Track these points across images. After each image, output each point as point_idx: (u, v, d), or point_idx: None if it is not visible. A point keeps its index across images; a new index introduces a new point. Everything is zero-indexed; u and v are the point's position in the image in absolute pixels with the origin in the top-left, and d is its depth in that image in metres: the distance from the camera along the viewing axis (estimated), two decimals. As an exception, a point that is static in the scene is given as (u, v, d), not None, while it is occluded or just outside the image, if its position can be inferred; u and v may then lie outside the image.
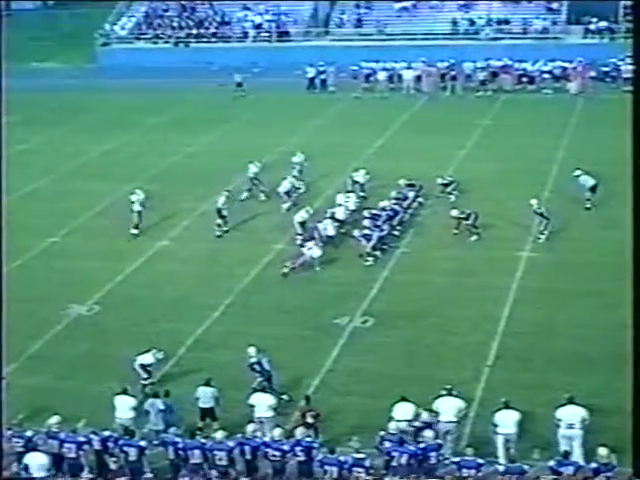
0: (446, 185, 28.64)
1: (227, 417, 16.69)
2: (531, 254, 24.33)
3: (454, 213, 25.65)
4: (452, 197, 28.28)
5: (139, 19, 58.56)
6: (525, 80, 43.90)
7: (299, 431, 15.52)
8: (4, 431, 15.04)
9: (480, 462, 14.18)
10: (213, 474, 14.81)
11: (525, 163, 31.86)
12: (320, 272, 23.65)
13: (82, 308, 22.28)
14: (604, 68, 43.85)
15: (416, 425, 15.40)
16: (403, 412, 15.74)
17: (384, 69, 45.27)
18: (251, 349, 17.74)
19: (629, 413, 12.86)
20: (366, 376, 18.63)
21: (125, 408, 16.45)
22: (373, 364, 19.10)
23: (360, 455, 14.34)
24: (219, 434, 15.02)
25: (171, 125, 40.25)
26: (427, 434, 14.94)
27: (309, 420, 15.88)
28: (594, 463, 13.91)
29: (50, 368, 19.48)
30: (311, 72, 46.17)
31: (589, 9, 50.81)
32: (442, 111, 40.63)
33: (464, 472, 14.11)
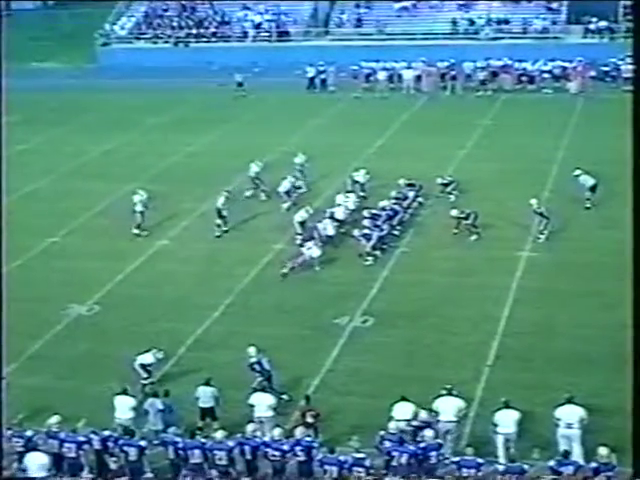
0: (446, 185, 28.64)
1: (227, 417, 16.69)
2: (531, 254, 24.33)
3: (454, 213, 25.65)
4: (452, 197, 28.28)
5: (139, 19, 58.57)
6: (525, 80, 43.90)
7: (299, 431, 15.53)
8: (4, 431, 15.03)
9: (480, 462, 14.18)
10: (213, 474, 14.81)
11: (525, 163, 31.85)
12: (320, 272, 23.65)
13: (82, 308, 22.29)
14: (604, 68, 43.84)
15: (415, 425, 15.41)
16: (403, 412, 15.74)
17: (384, 69, 45.23)
18: (251, 349, 17.74)
19: (629, 413, 12.82)
20: (366, 376, 18.63)
21: (125, 408, 16.45)
22: (373, 364, 19.10)
23: (360, 455, 14.33)
24: (219, 434, 15.02)
25: (171, 125, 40.24)
26: (427, 434, 14.92)
27: (309, 420, 15.88)
28: (594, 463, 13.91)
29: (50, 368, 19.48)
30: (311, 72, 46.16)
31: (589, 9, 50.80)
32: (442, 111, 40.62)
33: (464, 472, 14.11)
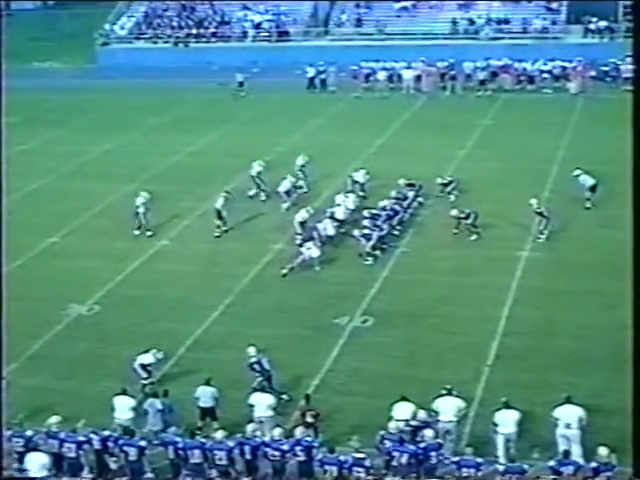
0: (446, 185, 28.63)
1: (227, 417, 16.69)
2: (531, 254, 24.32)
3: (454, 213, 25.65)
4: (452, 197, 28.28)
5: (139, 19, 58.58)
6: (525, 80, 43.92)
7: (299, 431, 15.55)
8: (4, 431, 15.03)
9: (479, 461, 14.16)
10: (213, 474, 14.81)
11: (525, 163, 31.84)
12: (320, 272, 23.65)
13: (82, 308, 22.29)
14: (604, 68, 43.87)
15: (414, 424, 15.40)
16: (403, 412, 15.73)
17: (384, 69, 45.21)
18: (251, 349, 17.74)
19: (629, 413, 12.82)
20: (366, 376, 18.62)
21: (124, 408, 16.44)
22: (373, 364, 19.09)
23: (360, 455, 14.33)
24: (219, 434, 15.02)
25: (171, 125, 40.24)
26: (427, 433, 14.92)
27: (309, 420, 15.88)
28: (594, 463, 13.90)
29: (50, 368, 19.48)
30: (311, 72, 46.15)
31: (589, 8, 50.81)
32: (442, 111, 40.61)
33: (464, 472, 14.09)
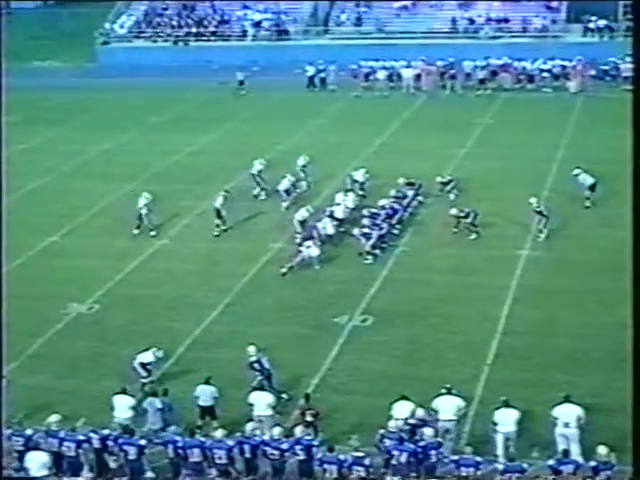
0: (445, 184, 28.63)
1: (227, 416, 16.70)
2: (531, 252, 24.32)
3: (453, 212, 25.65)
4: (451, 196, 28.28)
5: (139, 18, 58.54)
6: (524, 79, 43.91)
7: (299, 430, 15.56)
8: (4, 430, 15.04)
9: (478, 460, 14.17)
10: (213, 473, 14.82)
11: (525, 162, 31.84)
12: (320, 271, 23.65)
13: (82, 307, 22.29)
14: (604, 67, 43.85)
15: (412, 423, 15.40)
16: (403, 411, 15.74)
17: (384, 68, 45.16)
18: (251, 348, 17.74)
19: (629, 412, 12.83)
20: (365, 375, 18.63)
21: (124, 407, 16.45)
22: (372, 363, 19.09)
23: (360, 454, 14.34)
24: (219, 433, 15.04)
25: (171, 124, 40.22)
26: (427, 432, 14.93)
27: (309, 419, 15.89)
28: (594, 462, 13.91)
29: (50, 367, 19.49)
30: (311, 71, 46.13)
31: (588, 8, 50.78)
32: (442, 110, 40.58)
33: (463, 470, 14.10)
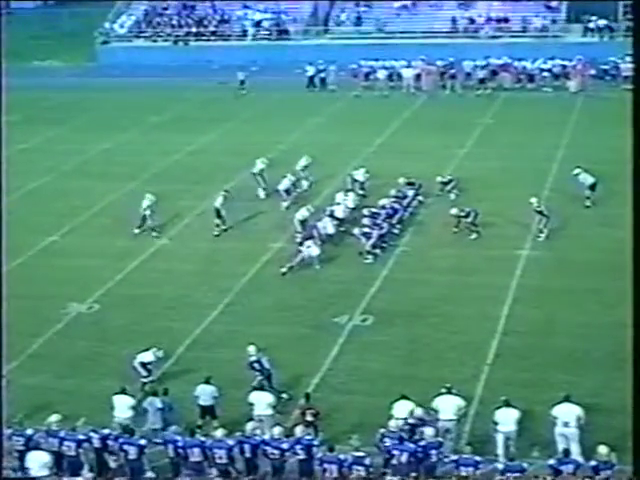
0: (446, 183, 28.63)
1: (227, 415, 16.70)
2: (531, 252, 24.31)
3: (454, 211, 25.65)
4: (452, 195, 28.28)
5: (139, 17, 58.58)
6: (525, 78, 43.91)
7: (299, 429, 15.57)
8: (4, 429, 15.03)
9: (478, 460, 14.16)
10: (213, 472, 14.82)
11: (525, 161, 31.84)
12: (320, 270, 23.64)
13: (82, 306, 22.28)
14: (604, 66, 43.89)
15: (411, 422, 15.39)
16: (403, 410, 15.73)
17: (384, 67, 45.17)
18: (251, 347, 17.74)
19: (629, 411, 12.84)
20: (366, 374, 18.63)
21: (123, 407, 16.44)
22: (373, 362, 19.08)
23: (360, 453, 14.33)
24: (219, 432, 15.03)
25: (171, 123, 40.21)
26: (428, 432, 14.92)
27: (309, 418, 15.88)
28: (594, 461, 13.89)
29: (50, 366, 19.48)
30: (311, 70, 46.13)
31: (588, 7, 50.81)
32: (442, 109, 40.58)
33: (462, 470, 14.09)
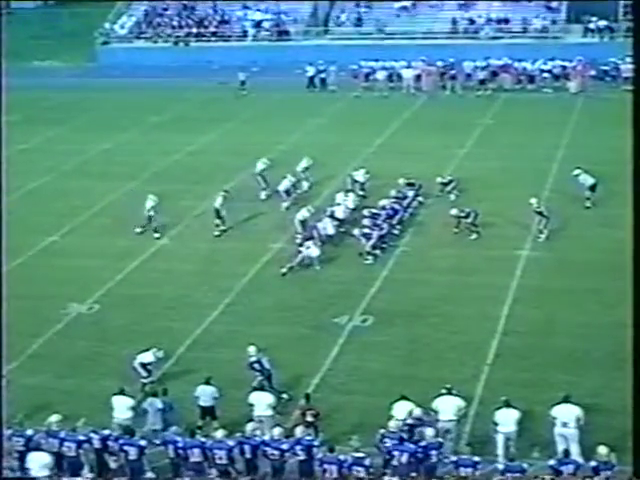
0: (446, 184, 28.63)
1: (227, 416, 16.69)
2: (531, 253, 24.32)
3: (454, 212, 25.66)
4: (452, 196, 28.28)
5: (139, 18, 58.58)
6: (525, 79, 43.91)
7: (299, 430, 15.56)
8: (4, 430, 15.03)
9: (477, 460, 14.15)
10: (213, 473, 14.81)
11: (525, 162, 31.85)
12: (320, 271, 23.64)
13: (82, 307, 22.28)
14: (604, 67, 43.86)
15: (409, 422, 15.38)
16: (403, 411, 15.72)
17: (384, 68, 45.16)
18: (251, 348, 17.74)
19: (629, 411, 12.85)
20: (366, 375, 18.63)
21: (123, 408, 16.42)
22: (373, 363, 19.09)
23: (360, 454, 14.32)
24: (219, 433, 15.02)
25: (171, 124, 40.22)
26: (428, 432, 14.91)
27: (309, 419, 15.87)
28: (594, 462, 13.88)
29: (50, 367, 19.47)
30: (311, 71, 46.14)
31: (589, 8, 50.80)
32: (442, 110, 40.58)
33: (461, 471, 14.08)
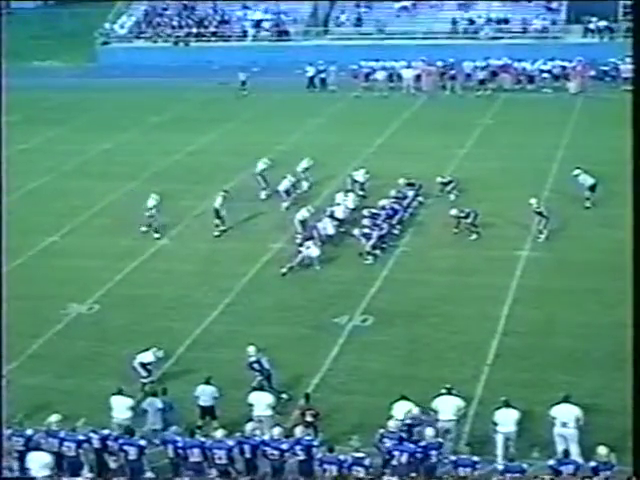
0: (445, 184, 28.63)
1: (227, 416, 16.70)
2: (531, 253, 24.32)
3: (454, 212, 25.66)
4: (452, 196, 28.28)
5: (139, 18, 58.61)
6: (524, 79, 43.93)
7: (299, 430, 15.56)
8: (4, 430, 15.03)
9: (476, 460, 14.14)
10: (213, 473, 14.81)
11: (525, 162, 31.86)
12: (320, 271, 23.65)
13: (82, 307, 22.28)
14: (603, 67, 43.87)
15: (408, 422, 15.38)
16: (403, 411, 15.74)
17: (384, 68, 45.18)
18: (251, 348, 17.74)
19: (629, 412, 12.84)
20: (365, 375, 18.63)
21: (122, 408, 16.41)
22: (373, 363, 19.09)
23: (360, 454, 14.32)
24: (219, 433, 15.03)
25: (171, 124, 40.23)
26: (428, 432, 14.92)
27: (309, 419, 15.88)
28: (593, 462, 13.88)
29: (50, 367, 19.48)
30: (311, 71, 46.15)
31: (588, 8, 50.82)
32: (442, 110, 40.58)
33: (460, 471, 14.08)
